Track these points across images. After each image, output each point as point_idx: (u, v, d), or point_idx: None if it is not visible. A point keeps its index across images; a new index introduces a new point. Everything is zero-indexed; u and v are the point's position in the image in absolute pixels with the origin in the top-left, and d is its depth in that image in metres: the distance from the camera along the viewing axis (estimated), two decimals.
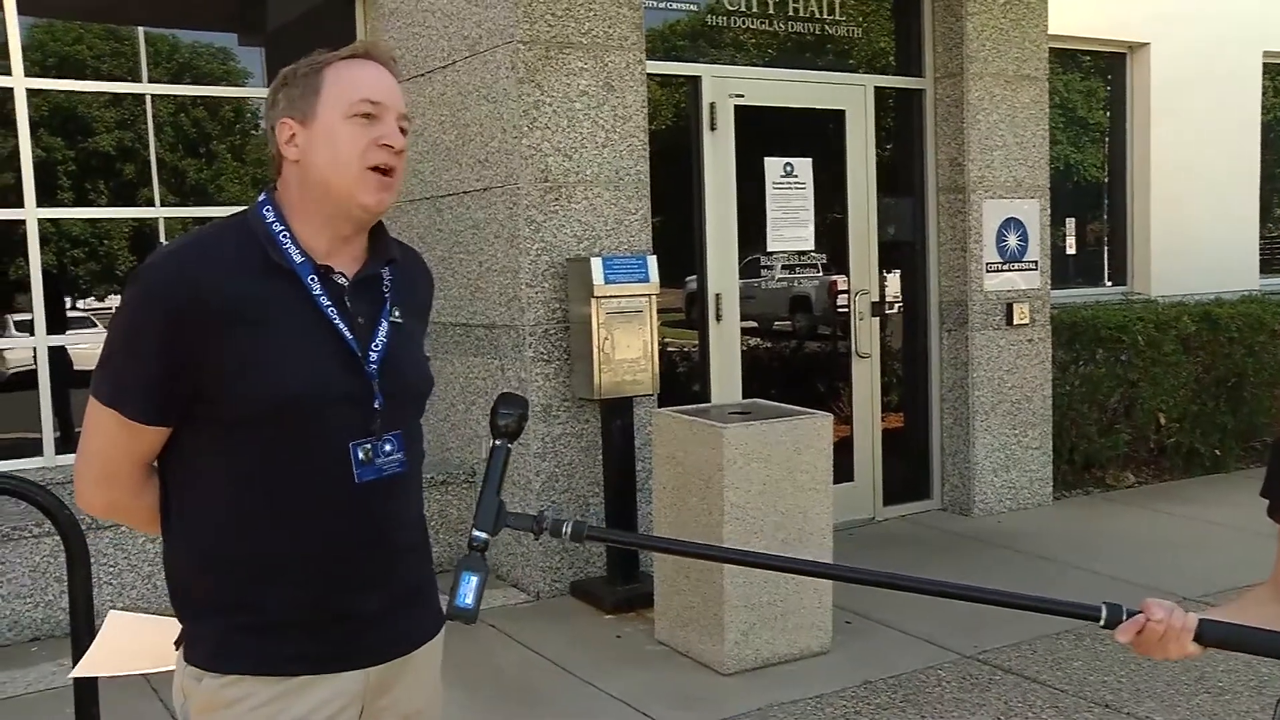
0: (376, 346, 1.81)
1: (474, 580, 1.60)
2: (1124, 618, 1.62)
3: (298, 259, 1.77)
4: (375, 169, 1.78)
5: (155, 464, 1.83)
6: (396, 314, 1.87)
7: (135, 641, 2.05)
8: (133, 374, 1.72)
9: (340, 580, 1.79)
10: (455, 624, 1.92)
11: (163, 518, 1.83)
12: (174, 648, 1.84)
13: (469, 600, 1.59)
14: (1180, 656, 1.62)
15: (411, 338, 1.92)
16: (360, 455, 1.77)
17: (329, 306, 1.77)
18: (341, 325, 1.77)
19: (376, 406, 1.79)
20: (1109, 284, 9.37)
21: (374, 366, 1.80)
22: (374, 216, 1.84)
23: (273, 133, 1.82)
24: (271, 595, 1.75)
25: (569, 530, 1.64)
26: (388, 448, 1.80)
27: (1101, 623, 1.60)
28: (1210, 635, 1.61)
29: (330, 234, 1.81)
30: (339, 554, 1.78)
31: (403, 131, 1.81)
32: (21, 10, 5.58)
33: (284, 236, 1.78)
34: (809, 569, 1.60)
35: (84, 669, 2.11)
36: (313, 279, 1.77)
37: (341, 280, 1.81)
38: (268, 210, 1.80)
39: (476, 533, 1.63)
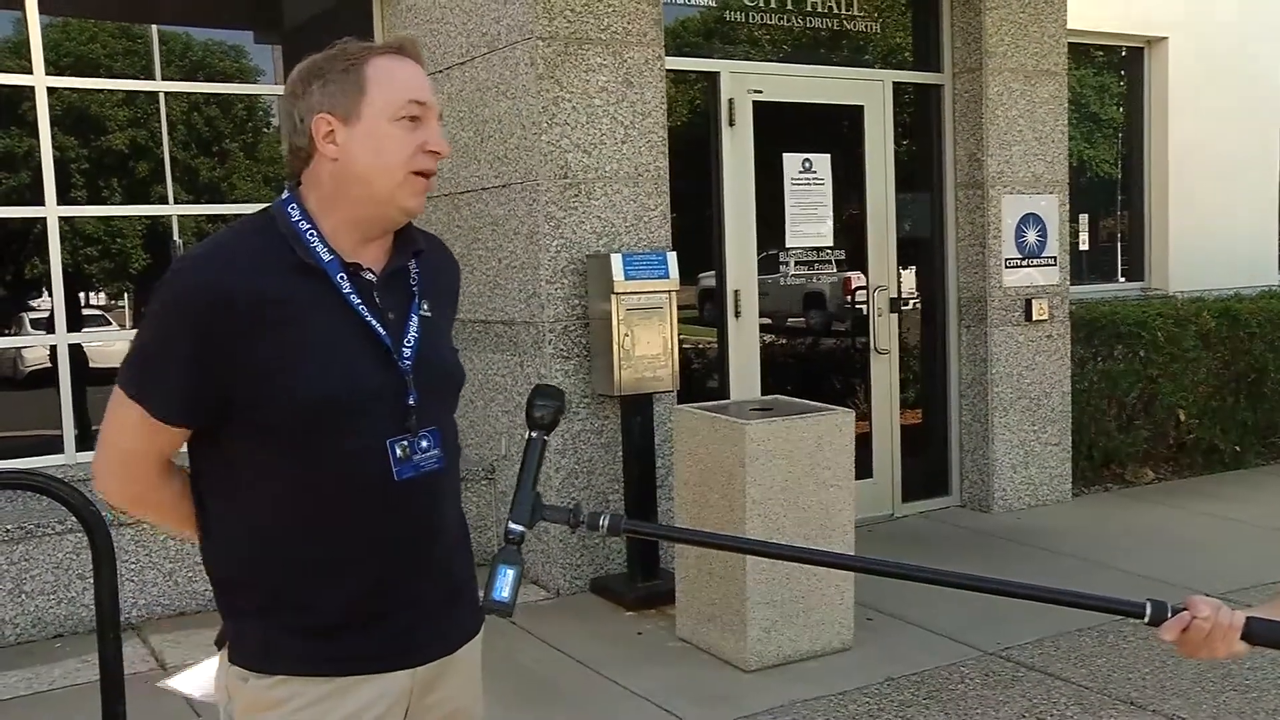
0: (409, 342, 1.79)
1: (510, 574, 1.59)
2: (1168, 615, 1.57)
3: (326, 257, 1.74)
4: (417, 173, 1.76)
5: (173, 459, 1.81)
6: (425, 307, 1.85)
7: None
8: (161, 374, 1.70)
9: (385, 579, 1.77)
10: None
11: (202, 520, 1.81)
12: (215, 646, 1.84)
13: (505, 594, 1.58)
14: (1227, 656, 1.57)
15: (441, 329, 1.90)
16: (398, 452, 1.75)
17: (359, 304, 1.75)
18: (373, 322, 1.75)
19: (412, 403, 1.77)
20: (1123, 280, 9.33)
21: (408, 362, 1.77)
22: (410, 219, 1.82)
23: (300, 124, 1.76)
24: (317, 595, 1.74)
25: (605, 523, 1.62)
26: (424, 444, 1.78)
27: (1145, 620, 1.57)
28: (1260, 633, 1.56)
29: (361, 233, 1.79)
30: (383, 552, 1.76)
31: None
32: (43, 9, 5.60)
33: (310, 235, 1.75)
34: (847, 563, 1.59)
35: (176, 683, 2.09)
36: (342, 277, 1.75)
37: (370, 276, 1.78)
38: (292, 208, 1.77)
39: (513, 525, 1.62)
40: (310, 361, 1.70)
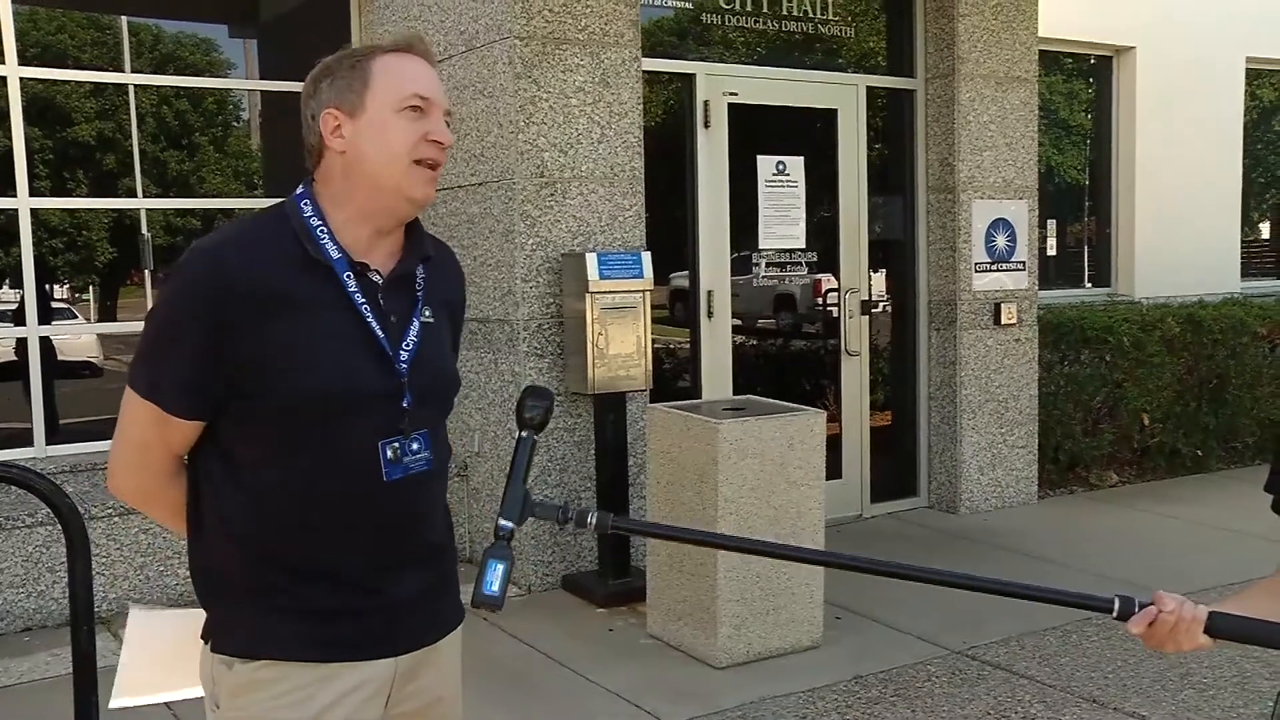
0: (407, 346, 1.82)
1: (500, 568, 1.62)
2: (1136, 609, 1.64)
3: (334, 255, 1.78)
4: (421, 162, 1.79)
5: (185, 457, 1.85)
6: (428, 313, 1.88)
7: (163, 647, 2.01)
8: (171, 367, 1.73)
9: (372, 571, 1.81)
10: None
11: (193, 511, 1.84)
12: (200, 640, 1.86)
13: (495, 588, 1.61)
14: (1191, 648, 1.64)
15: (441, 337, 1.93)
16: (389, 454, 1.79)
17: (363, 304, 1.78)
18: (374, 323, 1.79)
19: (405, 405, 1.80)
20: (1089, 285, 9.45)
21: (404, 365, 1.81)
22: (418, 209, 1.85)
23: (313, 122, 1.81)
24: (306, 586, 1.78)
25: (594, 520, 1.66)
26: (415, 446, 1.82)
27: (1114, 614, 1.63)
28: (1220, 627, 1.63)
29: (370, 228, 1.82)
30: (371, 546, 1.81)
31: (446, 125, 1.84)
32: None
33: (321, 231, 1.78)
34: (840, 562, 1.63)
35: (122, 695, 2.03)
36: (348, 276, 1.78)
37: (376, 278, 1.82)
38: (305, 204, 1.81)
39: (503, 522, 1.65)
40: (311, 356, 1.73)
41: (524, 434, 1.70)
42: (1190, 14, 9.35)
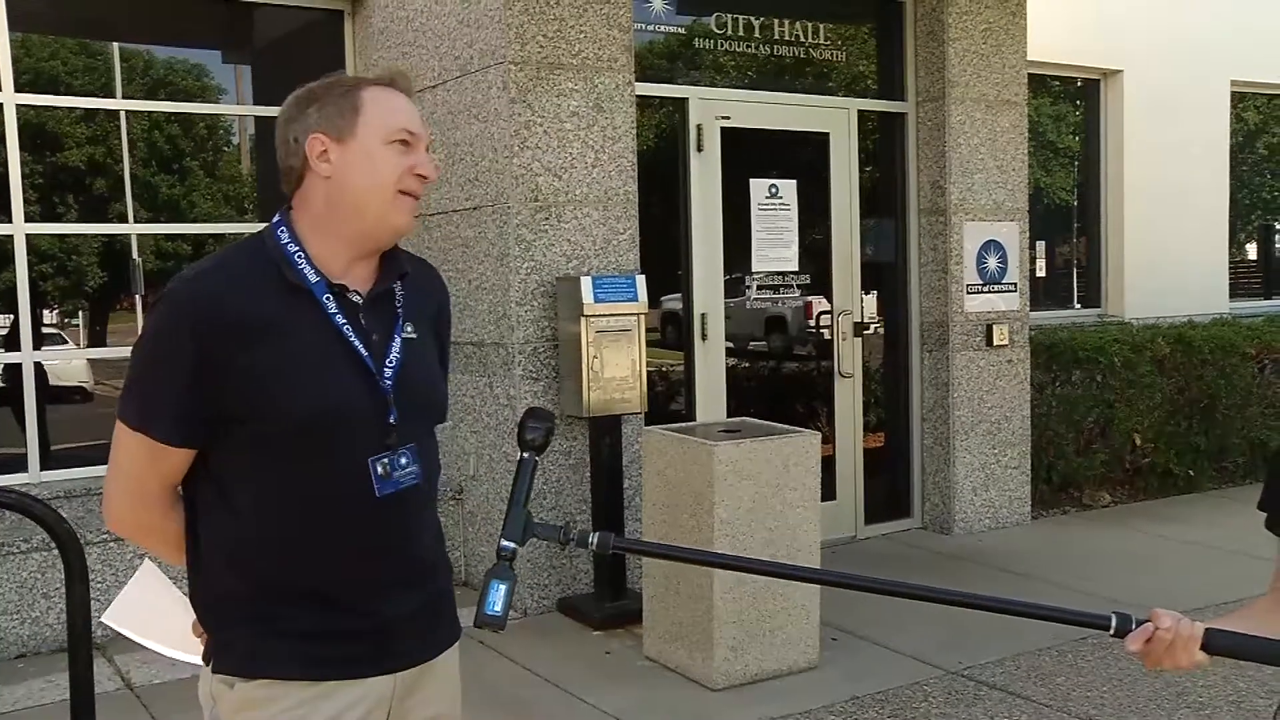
0: (391, 362, 1.86)
1: (502, 589, 1.65)
2: (1133, 626, 1.66)
3: (312, 278, 1.82)
4: (405, 193, 1.84)
5: (180, 488, 1.87)
6: (409, 329, 1.92)
7: (159, 604, 2.09)
8: (160, 397, 1.76)
9: (368, 588, 1.84)
10: None
11: (190, 540, 1.87)
12: (201, 657, 1.88)
13: (498, 608, 1.64)
14: (1189, 666, 1.65)
15: (425, 352, 1.96)
16: (379, 470, 1.82)
17: (344, 324, 1.82)
18: (356, 342, 1.82)
19: (392, 421, 1.84)
20: (1078, 306, 9.50)
21: (389, 382, 1.84)
22: (399, 237, 1.90)
23: (294, 144, 1.84)
24: (301, 606, 1.80)
25: (595, 541, 1.68)
26: (404, 461, 1.85)
27: (1111, 631, 1.65)
28: (1217, 644, 1.65)
29: (350, 253, 1.86)
30: (365, 563, 1.83)
31: None
32: (13, 26, 5.57)
33: (298, 256, 1.82)
34: (847, 582, 1.64)
35: (112, 617, 2.12)
36: (328, 298, 1.82)
37: (356, 298, 1.85)
38: (282, 231, 1.85)
39: (505, 543, 1.68)
40: (297, 377, 1.77)
41: (525, 455, 1.73)
42: (1176, 38, 9.44)
